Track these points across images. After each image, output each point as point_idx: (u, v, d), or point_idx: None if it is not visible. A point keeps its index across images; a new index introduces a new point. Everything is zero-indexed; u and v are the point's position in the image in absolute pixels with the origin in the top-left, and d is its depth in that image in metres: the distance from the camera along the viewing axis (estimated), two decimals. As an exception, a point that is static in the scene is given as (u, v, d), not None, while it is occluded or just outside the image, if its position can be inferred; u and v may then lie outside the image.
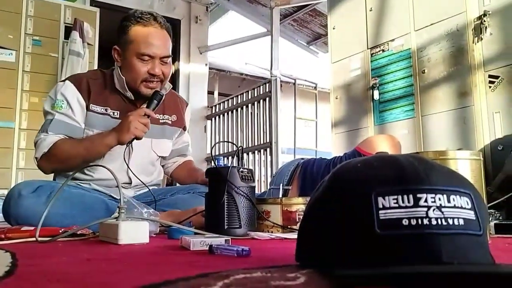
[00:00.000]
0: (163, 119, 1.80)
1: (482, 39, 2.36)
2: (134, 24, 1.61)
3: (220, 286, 0.44)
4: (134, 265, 0.69)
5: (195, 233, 1.13)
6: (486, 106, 2.34)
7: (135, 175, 1.64)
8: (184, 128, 1.92)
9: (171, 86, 1.79)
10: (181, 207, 1.57)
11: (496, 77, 2.30)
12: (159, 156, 1.82)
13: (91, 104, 1.63)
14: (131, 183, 1.70)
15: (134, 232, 1.01)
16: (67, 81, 1.65)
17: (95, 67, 3.82)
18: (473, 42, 2.41)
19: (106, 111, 1.65)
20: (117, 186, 1.08)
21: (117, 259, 0.77)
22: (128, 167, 1.61)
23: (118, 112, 1.66)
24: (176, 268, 0.65)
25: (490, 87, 2.33)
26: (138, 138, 1.54)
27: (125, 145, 1.54)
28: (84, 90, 1.64)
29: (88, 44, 3.90)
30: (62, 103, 1.61)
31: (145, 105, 1.64)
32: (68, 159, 1.55)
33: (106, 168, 1.18)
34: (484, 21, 2.34)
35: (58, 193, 1.21)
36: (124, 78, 1.63)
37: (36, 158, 1.59)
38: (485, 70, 2.35)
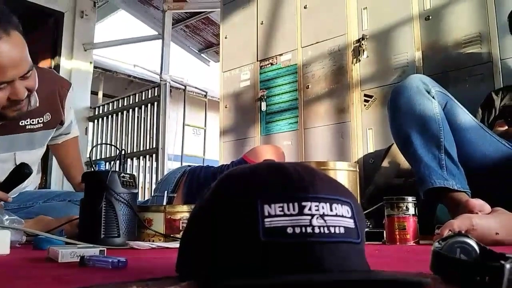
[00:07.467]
0: (30, 124, 1.45)
1: (359, 60, 2.57)
2: None
3: (87, 304, 0.39)
4: (-13, 281, 0.60)
5: (66, 243, 1.03)
6: (361, 122, 2.53)
7: None
8: (61, 123, 1.59)
9: (35, 97, 1.35)
10: (54, 216, 1.42)
11: (370, 96, 2.51)
12: None
13: None
14: None
15: (-9, 242, 0.89)
16: None
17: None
18: (352, 63, 2.61)
19: None
20: None
21: (-34, 275, 0.66)
22: None
23: None
24: (39, 283, 0.58)
25: (365, 105, 2.53)
26: None
27: None
28: None
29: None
30: None
31: None
32: None
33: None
34: (362, 44, 2.55)
35: None
36: None
37: None
38: (361, 89, 2.56)
